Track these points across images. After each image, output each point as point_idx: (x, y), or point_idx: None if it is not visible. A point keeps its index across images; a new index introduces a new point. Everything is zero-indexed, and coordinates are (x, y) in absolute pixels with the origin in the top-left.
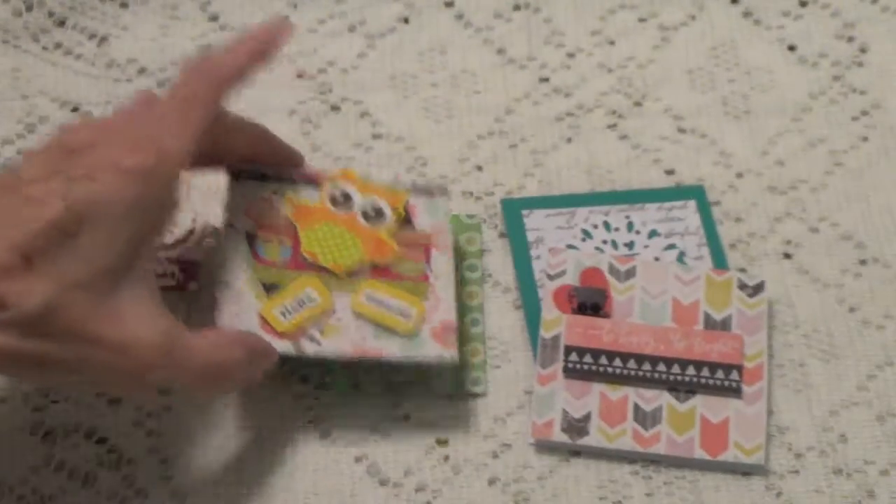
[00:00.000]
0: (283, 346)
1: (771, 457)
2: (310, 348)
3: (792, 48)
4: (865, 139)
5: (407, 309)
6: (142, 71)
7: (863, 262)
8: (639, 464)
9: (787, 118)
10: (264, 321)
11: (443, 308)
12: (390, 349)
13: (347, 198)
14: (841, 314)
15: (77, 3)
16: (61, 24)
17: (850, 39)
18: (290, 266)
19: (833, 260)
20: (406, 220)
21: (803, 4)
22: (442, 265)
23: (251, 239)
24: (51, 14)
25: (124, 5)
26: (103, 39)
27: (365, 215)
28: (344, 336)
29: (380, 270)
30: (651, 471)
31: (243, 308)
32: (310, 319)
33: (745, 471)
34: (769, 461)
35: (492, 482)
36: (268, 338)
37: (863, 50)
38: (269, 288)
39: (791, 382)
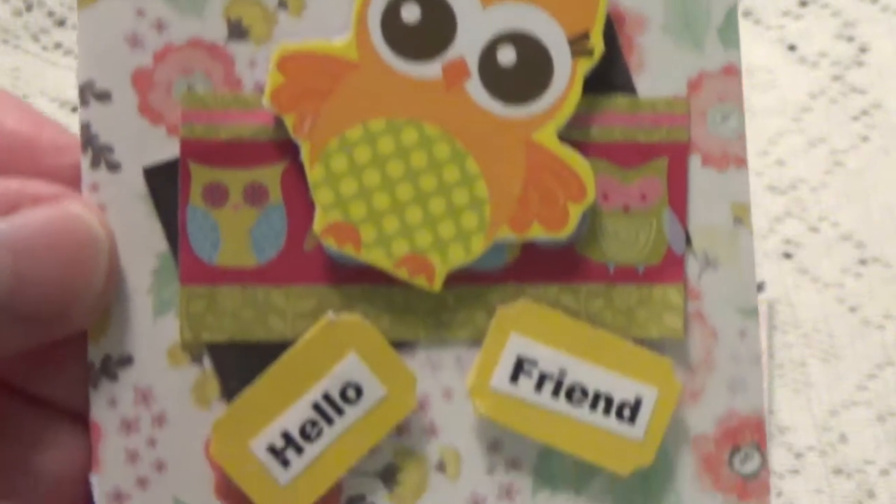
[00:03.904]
0: None
1: (771, 457)
2: None
3: (792, 48)
4: (865, 139)
5: (631, 392)
6: None
7: (863, 262)
8: None
9: (787, 118)
10: (224, 480)
11: (726, 372)
12: None
13: (437, 14)
14: (841, 314)
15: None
16: (61, 24)
17: (850, 39)
18: (284, 277)
19: (833, 260)
20: (606, 72)
21: (803, 4)
22: (720, 223)
23: (161, 193)
24: (51, 14)
25: None
26: None
27: (490, 74)
28: (452, 497)
29: (539, 258)
30: None
31: (171, 436)
32: (352, 459)
33: None
34: (769, 461)
35: None
36: None
37: (863, 50)
38: (231, 361)
39: (791, 382)
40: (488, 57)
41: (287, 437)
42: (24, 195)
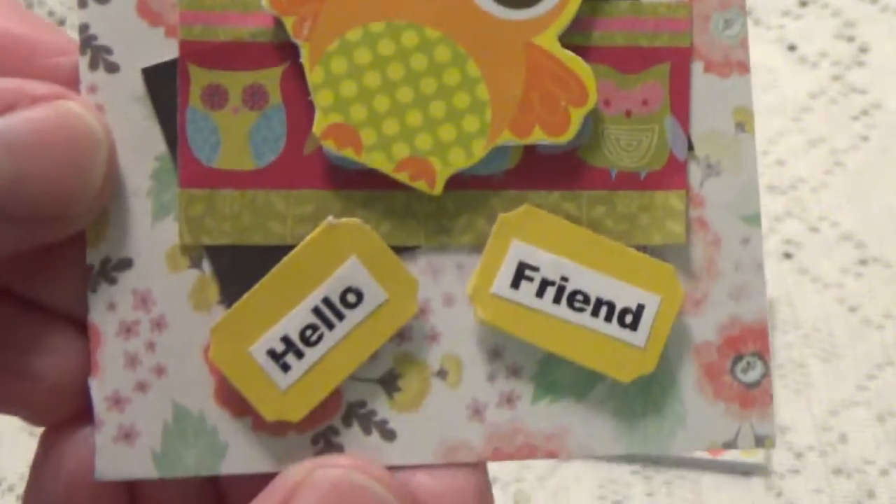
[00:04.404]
0: (285, 447)
1: (771, 457)
2: (368, 449)
3: (792, 48)
4: (865, 139)
5: (633, 298)
6: None
7: (863, 262)
8: (639, 463)
9: (787, 118)
10: (223, 384)
11: (729, 279)
12: (583, 439)
13: None
14: (841, 314)
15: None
16: (61, 24)
17: (850, 39)
18: (283, 181)
19: (833, 260)
20: None
21: (803, 4)
22: (722, 129)
23: (159, 94)
24: (51, 14)
25: None
26: None
27: None
28: (452, 404)
29: (541, 163)
30: (651, 470)
31: (170, 340)
32: (352, 364)
33: (746, 470)
34: (769, 461)
35: (492, 482)
36: (230, 428)
37: (863, 50)
38: (230, 265)
39: (791, 382)
40: None
41: (287, 342)
42: (21, 94)
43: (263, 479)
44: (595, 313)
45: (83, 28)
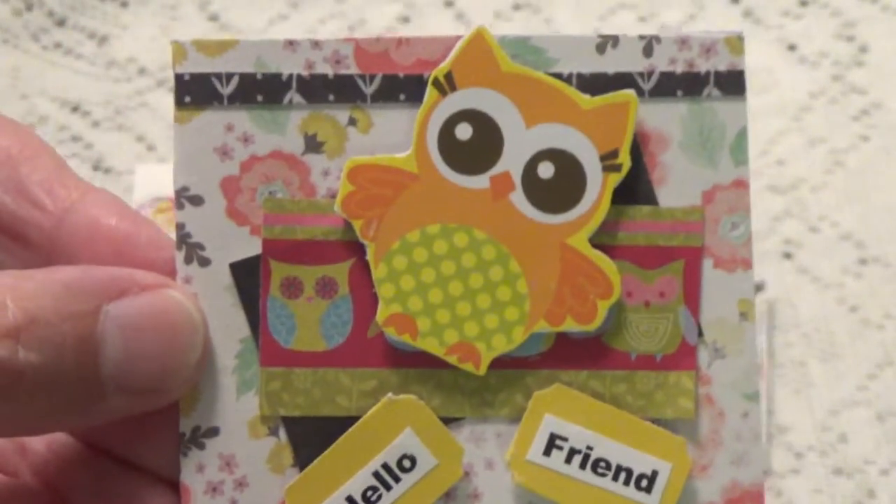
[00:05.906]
0: None
1: (771, 457)
2: None
3: (792, 48)
4: (865, 139)
5: (648, 465)
6: (142, 71)
7: (863, 262)
8: None
9: (787, 118)
10: None
11: (731, 448)
12: None
13: (486, 133)
14: (841, 314)
15: (77, 3)
16: (61, 23)
17: (850, 39)
18: (349, 361)
19: (833, 260)
20: (623, 185)
21: (803, 4)
22: (728, 318)
23: (244, 285)
24: (51, 14)
25: (124, 5)
26: (103, 39)
27: (531, 186)
28: None
29: (571, 347)
30: None
31: (250, 498)
32: None
33: None
34: (769, 461)
35: None
36: None
37: (863, 50)
38: (303, 434)
39: (791, 382)
40: (530, 171)
41: (351, 501)
42: (132, 282)
43: None
44: (615, 478)
45: (180, 226)
